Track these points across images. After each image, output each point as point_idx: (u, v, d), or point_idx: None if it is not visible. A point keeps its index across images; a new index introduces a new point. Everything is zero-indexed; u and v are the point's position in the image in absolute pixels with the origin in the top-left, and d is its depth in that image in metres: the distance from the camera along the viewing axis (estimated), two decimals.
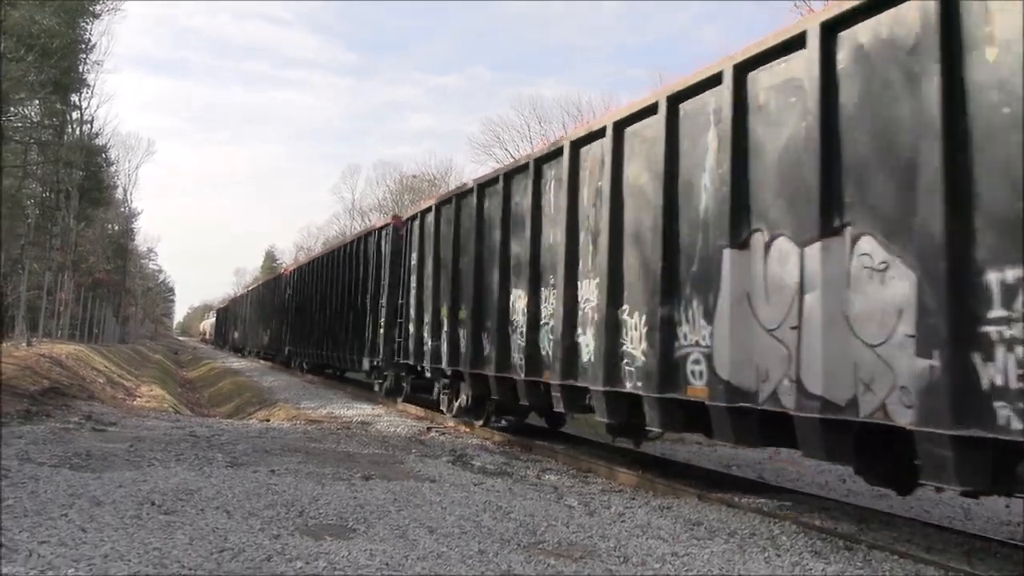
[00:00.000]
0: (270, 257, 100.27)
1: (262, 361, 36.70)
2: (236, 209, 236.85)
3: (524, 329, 9.13)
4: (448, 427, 12.64)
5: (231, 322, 54.37)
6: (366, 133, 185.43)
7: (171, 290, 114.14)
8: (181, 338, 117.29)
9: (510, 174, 10.02)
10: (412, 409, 15.07)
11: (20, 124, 27.99)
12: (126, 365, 28.21)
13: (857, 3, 5.13)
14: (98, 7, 33.99)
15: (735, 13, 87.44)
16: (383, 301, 15.51)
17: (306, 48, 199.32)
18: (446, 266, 11.86)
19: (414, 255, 13.59)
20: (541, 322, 8.95)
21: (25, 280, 25.34)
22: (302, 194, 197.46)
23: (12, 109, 25.76)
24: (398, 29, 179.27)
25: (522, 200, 9.57)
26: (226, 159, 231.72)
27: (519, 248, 9.57)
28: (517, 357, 9.36)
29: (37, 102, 28.07)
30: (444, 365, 11.64)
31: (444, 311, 11.79)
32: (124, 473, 6.34)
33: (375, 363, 16.06)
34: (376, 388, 16.63)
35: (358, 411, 14.85)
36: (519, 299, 9.45)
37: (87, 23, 33.85)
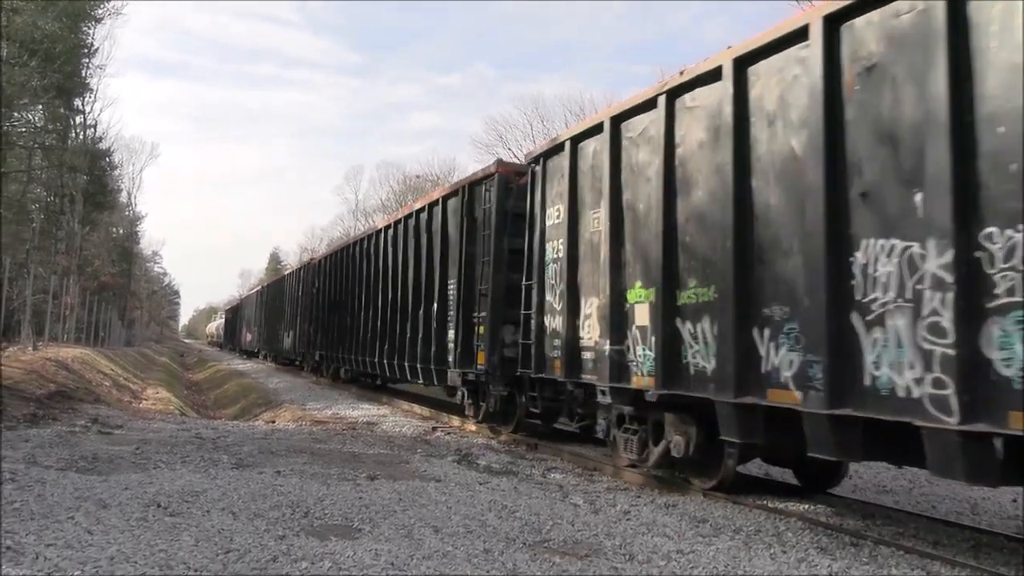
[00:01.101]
0: (275, 259, 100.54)
1: (266, 362, 36.69)
2: (240, 210, 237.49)
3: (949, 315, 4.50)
4: (453, 427, 12.64)
5: (243, 323, 49.24)
6: (370, 132, 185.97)
7: (176, 293, 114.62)
8: (187, 341, 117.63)
9: (840, 15, 5.38)
10: (417, 408, 15.08)
11: (24, 129, 28.09)
12: (132, 368, 28.30)
13: None
14: (100, 11, 34.13)
15: (735, 11, 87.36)
16: (484, 286, 10.96)
17: (310, 48, 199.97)
18: (642, 218, 7.40)
19: (556, 210, 9.09)
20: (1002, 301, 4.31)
21: (31, 284, 25.42)
22: (307, 194, 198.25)
23: (16, 114, 25.86)
24: (400, 29, 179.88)
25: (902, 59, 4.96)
26: (229, 160, 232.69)
27: (879, 154, 5.06)
28: (906, 376, 4.77)
29: (40, 107, 28.18)
30: (648, 385, 7.08)
31: (638, 293, 7.39)
32: (130, 475, 6.36)
33: (471, 375, 11.33)
34: (468, 412, 11.93)
35: (363, 412, 14.88)
36: (902, 258, 4.87)
37: (89, 28, 33.99)
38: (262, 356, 38.91)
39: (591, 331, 8.20)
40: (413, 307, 13.89)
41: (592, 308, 8.22)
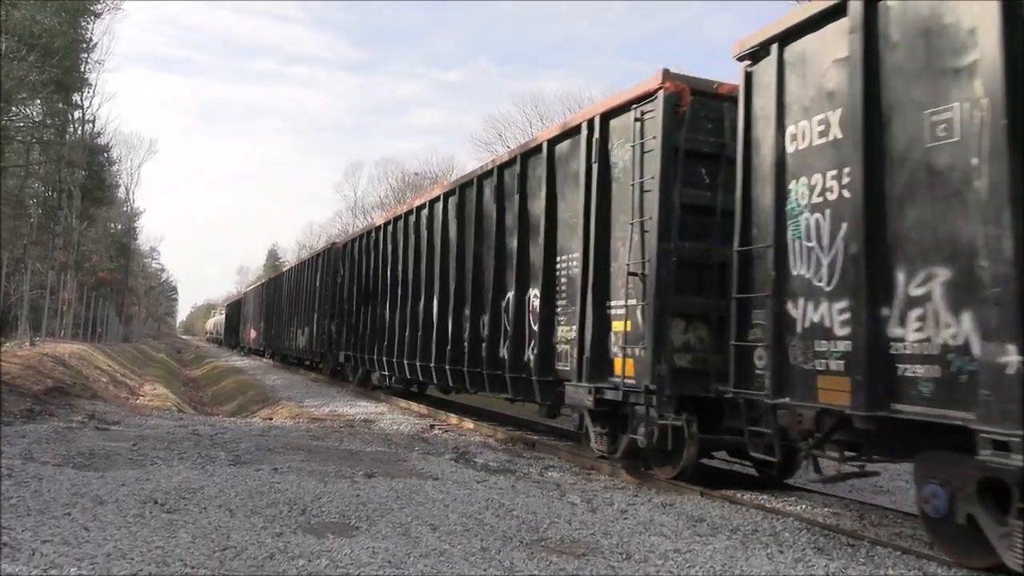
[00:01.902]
0: (273, 255, 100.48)
1: (264, 360, 36.58)
2: (240, 207, 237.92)
3: None
4: (451, 424, 12.64)
5: (246, 319, 45.83)
6: (371, 129, 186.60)
7: (174, 289, 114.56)
8: (184, 337, 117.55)
9: None
10: (415, 406, 15.08)
11: (22, 124, 28.04)
12: (129, 364, 28.27)
13: None
14: (99, 6, 34.12)
15: (737, 9, 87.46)
16: (636, 261, 7.55)
17: (312, 44, 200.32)
18: None
19: (813, 125, 5.84)
20: None
21: (28, 280, 25.39)
22: (307, 191, 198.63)
23: (14, 109, 25.81)
24: (402, 25, 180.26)
25: None
26: (229, 156, 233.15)
27: None
28: None
29: (39, 102, 28.13)
30: None
31: None
32: (127, 472, 6.35)
33: (609, 393, 7.89)
34: (595, 444, 8.42)
35: (361, 409, 14.87)
36: None
37: (88, 22, 33.97)
38: (269, 356, 35.53)
39: (930, 326, 4.83)
40: (495, 296, 10.59)
41: (934, 284, 4.86)
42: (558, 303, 9.08)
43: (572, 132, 9.03)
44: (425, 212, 13.71)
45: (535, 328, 9.43)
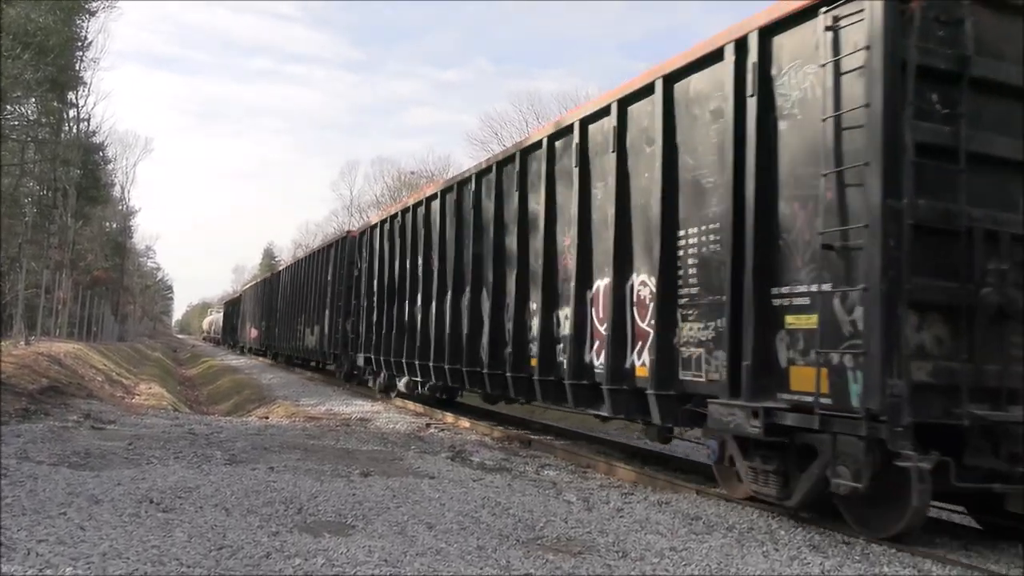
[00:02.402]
0: (268, 254, 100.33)
1: (261, 359, 36.49)
2: (237, 206, 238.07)
3: None
4: (447, 423, 12.65)
5: (245, 317, 43.07)
6: (370, 127, 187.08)
7: (169, 288, 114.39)
8: (180, 336, 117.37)
9: None
10: (411, 405, 15.08)
11: (17, 122, 27.96)
12: (125, 363, 28.21)
13: None
14: (94, 5, 34.01)
15: (737, 9, 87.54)
16: (830, 231, 5.38)
17: (311, 43, 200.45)
18: None
19: None
20: None
21: (23, 279, 25.33)
22: (303, 190, 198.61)
23: (9, 107, 25.74)
24: (402, 25, 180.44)
25: None
26: (228, 155, 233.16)
27: None
28: None
29: (34, 100, 28.06)
30: None
31: None
32: (123, 471, 6.34)
33: (784, 415, 5.67)
34: (755, 486, 6.21)
35: (357, 408, 14.87)
36: None
37: (83, 21, 33.87)
38: (271, 356, 33.21)
39: None
40: (579, 285, 8.35)
41: None
42: (682, 292, 6.89)
43: (707, 61, 6.69)
44: (470, 187, 11.31)
45: (643, 325, 7.31)
